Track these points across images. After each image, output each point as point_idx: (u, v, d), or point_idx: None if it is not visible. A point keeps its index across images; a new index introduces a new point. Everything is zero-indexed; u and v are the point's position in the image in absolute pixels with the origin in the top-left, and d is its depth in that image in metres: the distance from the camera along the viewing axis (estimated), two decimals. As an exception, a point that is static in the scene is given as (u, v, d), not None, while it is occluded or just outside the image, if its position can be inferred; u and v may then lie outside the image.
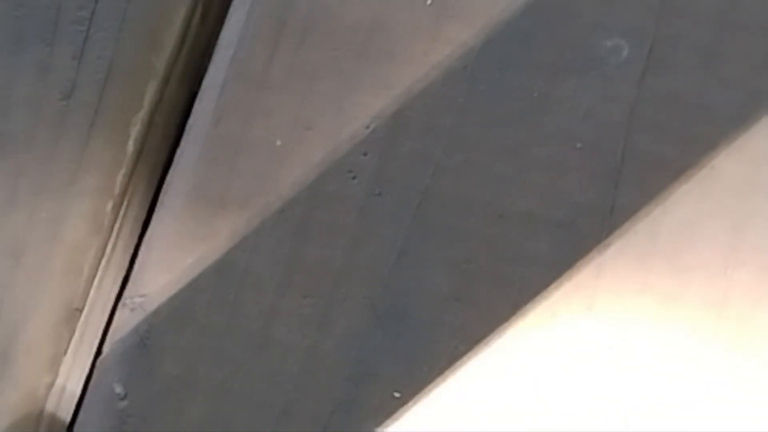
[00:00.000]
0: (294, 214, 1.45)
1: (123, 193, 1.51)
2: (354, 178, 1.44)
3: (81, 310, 1.48)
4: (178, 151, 1.52)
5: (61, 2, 1.56)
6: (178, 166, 1.51)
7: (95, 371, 1.46)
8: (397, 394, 1.36)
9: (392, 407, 1.36)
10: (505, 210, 1.40)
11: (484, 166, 1.42)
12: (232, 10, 1.56)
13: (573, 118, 1.41)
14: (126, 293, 1.48)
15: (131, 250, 1.51)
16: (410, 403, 1.36)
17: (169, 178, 1.51)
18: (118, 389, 1.44)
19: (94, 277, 1.49)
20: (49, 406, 1.46)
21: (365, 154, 1.45)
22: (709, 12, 1.42)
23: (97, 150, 1.51)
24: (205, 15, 1.57)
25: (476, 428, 1.34)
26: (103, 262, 1.49)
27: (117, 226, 1.50)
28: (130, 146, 1.51)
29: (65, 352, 1.47)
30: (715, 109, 1.38)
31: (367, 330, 1.39)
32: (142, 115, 1.52)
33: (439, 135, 1.44)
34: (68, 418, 1.47)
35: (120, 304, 1.48)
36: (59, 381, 1.47)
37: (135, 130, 1.52)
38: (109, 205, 1.50)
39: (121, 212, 1.50)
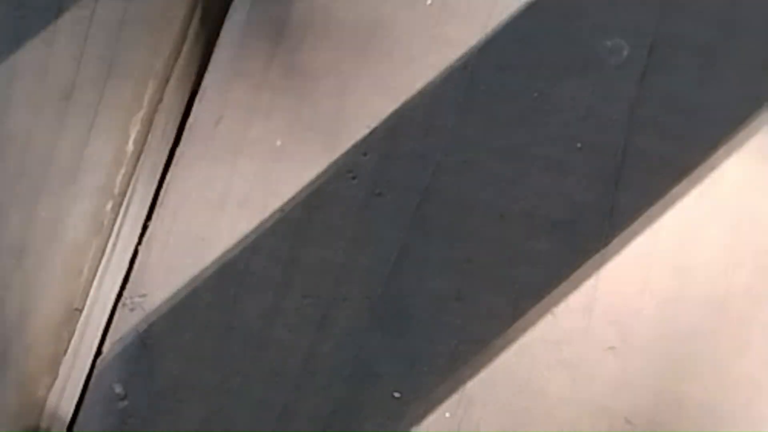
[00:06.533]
0: (294, 214, 1.45)
1: (123, 193, 1.51)
2: (354, 178, 1.45)
3: (81, 310, 1.48)
4: (178, 151, 1.52)
5: (61, 2, 1.56)
6: (178, 166, 1.51)
7: (95, 371, 1.46)
8: (397, 394, 1.36)
9: (392, 407, 1.36)
10: (505, 210, 1.40)
11: (484, 166, 1.42)
12: (232, 10, 1.56)
13: (573, 118, 1.41)
14: (126, 293, 1.48)
15: (131, 250, 1.51)
16: (410, 403, 1.36)
17: (169, 178, 1.51)
18: (118, 389, 1.44)
19: (94, 277, 1.49)
20: (49, 406, 1.46)
21: (365, 154, 1.45)
22: (709, 12, 1.42)
23: (97, 150, 1.51)
24: (205, 15, 1.57)
25: (476, 428, 1.34)
26: (103, 262, 1.49)
27: (117, 226, 1.50)
28: (130, 146, 1.51)
29: (65, 352, 1.47)
30: (715, 109, 1.39)
31: (367, 330, 1.39)
32: (142, 115, 1.52)
33: (439, 135, 1.44)
34: (68, 418, 1.47)
35: (120, 304, 1.48)
36: (59, 381, 1.47)
37: (135, 130, 1.52)
38: (109, 205, 1.50)
39: (121, 212, 1.50)
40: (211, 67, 1.54)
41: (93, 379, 1.46)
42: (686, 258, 1.35)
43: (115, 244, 1.50)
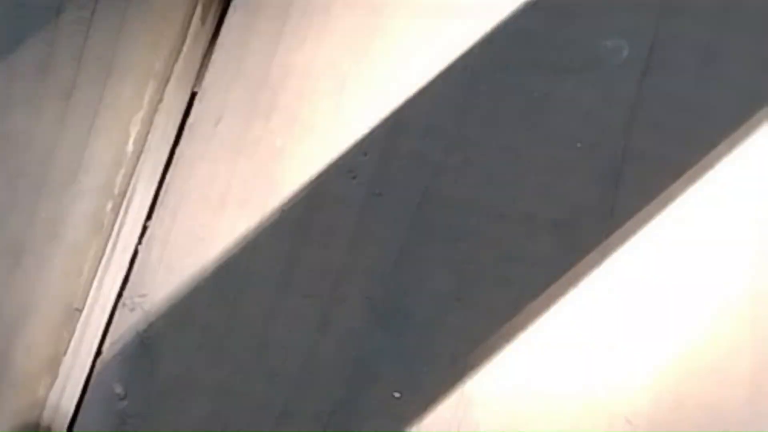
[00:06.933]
0: (294, 214, 1.45)
1: (123, 193, 1.51)
2: (354, 178, 1.44)
3: (81, 310, 1.48)
4: (178, 151, 1.52)
5: (61, 2, 1.56)
6: (178, 166, 1.51)
7: (95, 371, 1.46)
8: (397, 394, 1.36)
9: (392, 407, 1.36)
10: (505, 210, 1.40)
11: (484, 166, 1.42)
12: (231, 10, 1.56)
13: (573, 118, 1.41)
14: (126, 293, 1.48)
15: (131, 250, 1.51)
16: (410, 403, 1.36)
17: (169, 178, 1.51)
18: (118, 389, 1.44)
19: (94, 277, 1.49)
20: (49, 406, 1.46)
21: (365, 154, 1.45)
22: (709, 12, 1.42)
23: (97, 150, 1.51)
24: (205, 15, 1.57)
25: (476, 428, 1.34)
26: (103, 262, 1.49)
27: (117, 226, 1.50)
28: (130, 146, 1.51)
29: (65, 352, 1.47)
30: (715, 109, 1.39)
31: (367, 330, 1.39)
32: (142, 115, 1.52)
33: (439, 135, 1.44)
34: (68, 418, 1.46)
35: (120, 304, 1.48)
36: (59, 381, 1.47)
37: (135, 130, 1.52)
38: (109, 205, 1.50)
39: (121, 212, 1.50)
40: (211, 67, 1.54)
41: (93, 379, 1.46)
42: (686, 258, 1.35)
43: (115, 244, 1.50)
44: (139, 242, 1.51)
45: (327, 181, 1.45)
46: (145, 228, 1.51)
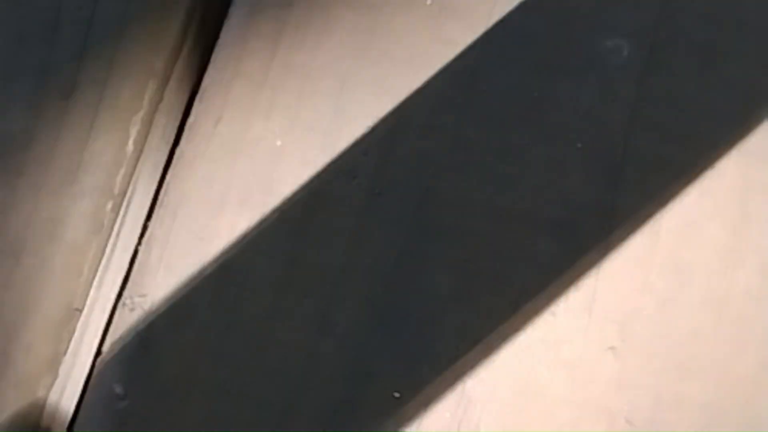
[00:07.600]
0: (294, 214, 1.45)
1: (123, 193, 1.51)
2: (354, 178, 1.45)
3: (81, 310, 1.48)
4: (178, 151, 1.52)
5: (61, 2, 1.56)
6: (178, 166, 1.51)
7: (95, 371, 1.46)
8: (397, 394, 1.36)
9: (392, 407, 1.36)
10: (505, 210, 1.40)
11: (484, 166, 1.42)
12: (232, 10, 1.56)
13: (573, 118, 1.41)
14: (126, 293, 1.48)
15: (131, 250, 1.51)
16: (410, 403, 1.36)
17: (169, 178, 1.51)
18: (118, 389, 1.44)
19: (94, 277, 1.49)
20: (49, 406, 1.46)
21: (365, 154, 1.45)
22: (709, 12, 1.42)
23: (97, 150, 1.51)
24: (205, 15, 1.57)
25: (476, 428, 1.34)
26: (103, 262, 1.49)
27: (117, 226, 1.50)
28: (130, 146, 1.51)
29: (65, 352, 1.47)
30: (715, 109, 1.39)
31: (367, 330, 1.39)
32: (142, 115, 1.52)
33: (439, 135, 1.44)
34: (68, 418, 1.46)
35: (120, 304, 1.48)
36: (59, 381, 1.46)
37: (135, 130, 1.52)
38: (109, 205, 1.50)
39: (121, 212, 1.50)
40: (211, 67, 1.54)
41: (93, 379, 1.46)
42: (686, 258, 1.35)
43: (115, 244, 1.50)
44: (139, 242, 1.51)
45: (327, 181, 1.45)
46: (145, 228, 1.51)
